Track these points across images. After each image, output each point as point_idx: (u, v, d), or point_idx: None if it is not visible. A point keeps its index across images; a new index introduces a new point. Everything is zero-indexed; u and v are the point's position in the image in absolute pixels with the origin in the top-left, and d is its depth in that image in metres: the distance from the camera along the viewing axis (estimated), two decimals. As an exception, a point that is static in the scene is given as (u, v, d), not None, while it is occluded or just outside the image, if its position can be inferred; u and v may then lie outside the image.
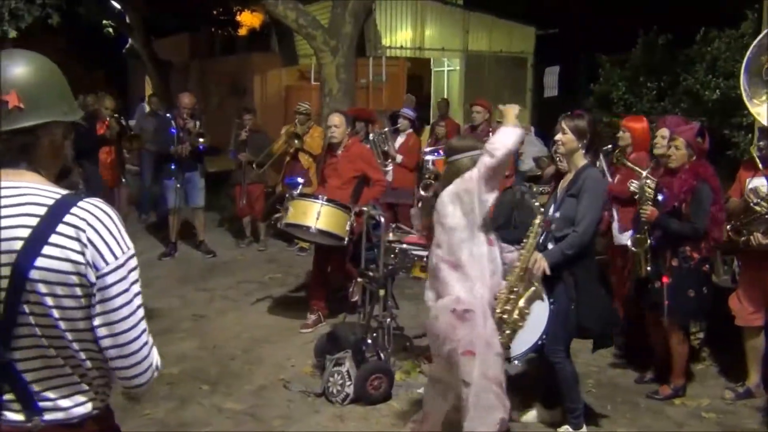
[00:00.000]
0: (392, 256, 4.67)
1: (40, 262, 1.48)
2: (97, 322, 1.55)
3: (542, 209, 4.12)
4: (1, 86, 1.52)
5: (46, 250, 1.49)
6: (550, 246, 3.72)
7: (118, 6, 15.47)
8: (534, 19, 13.93)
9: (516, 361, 4.56)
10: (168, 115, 7.87)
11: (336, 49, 8.74)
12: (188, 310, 6.05)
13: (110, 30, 16.28)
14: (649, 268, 4.28)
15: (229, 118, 9.03)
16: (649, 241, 4.26)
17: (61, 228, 1.50)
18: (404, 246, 4.68)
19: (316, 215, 5.01)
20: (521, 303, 3.46)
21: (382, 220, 4.72)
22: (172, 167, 7.57)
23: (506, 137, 3.28)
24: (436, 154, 6.99)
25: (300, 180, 5.55)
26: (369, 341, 4.53)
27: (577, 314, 3.66)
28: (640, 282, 4.40)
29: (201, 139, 7.50)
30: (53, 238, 1.49)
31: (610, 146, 5.11)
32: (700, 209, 4.11)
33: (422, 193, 6.80)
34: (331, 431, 4.00)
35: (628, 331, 4.87)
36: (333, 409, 4.21)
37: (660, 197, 4.26)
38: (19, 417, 1.56)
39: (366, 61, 11.31)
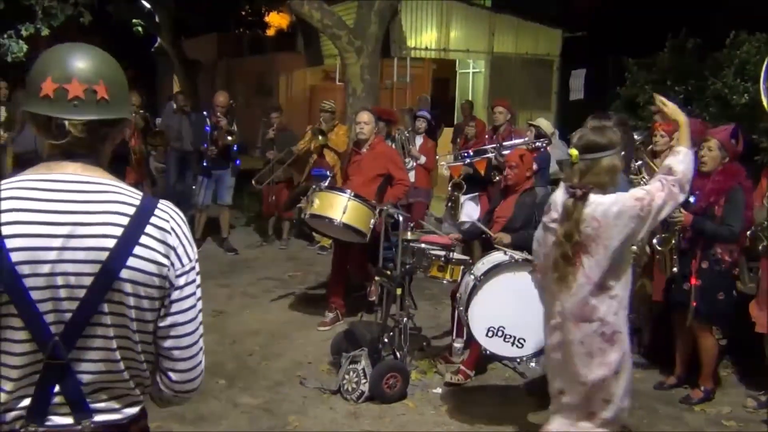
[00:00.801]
0: (410, 255, 4.66)
1: (131, 262, 1.47)
2: (166, 322, 1.55)
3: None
4: (90, 75, 1.50)
5: (137, 250, 1.48)
6: None
7: (147, 5, 15.70)
8: (561, 22, 13.83)
9: (533, 364, 4.55)
10: (204, 113, 8.00)
11: (361, 49, 8.77)
12: (208, 306, 6.04)
13: (140, 29, 16.51)
14: (675, 269, 4.25)
15: (255, 117, 9.11)
16: (673, 241, 4.23)
17: (149, 229, 1.50)
18: (422, 245, 4.67)
19: (343, 209, 4.98)
20: None
21: (401, 218, 4.72)
22: (204, 164, 7.71)
23: (690, 164, 2.86)
24: (465, 155, 6.99)
25: (328, 173, 5.56)
26: (385, 340, 4.53)
27: None
28: (666, 282, 4.38)
29: (229, 138, 7.60)
30: (143, 239, 1.49)
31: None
32: (736, 212, 4.05)
33: (451, 190, 6.84)
34: (346, 429, 4.01)
35: (652, 333, 4.84)
36: (348, 406, 4.23)
37: (691, 199, 4.21)
38: (67, 420, 1.51)
39: (391, 62, 11.33)
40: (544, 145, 6.64)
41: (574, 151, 2.83)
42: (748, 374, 4.70)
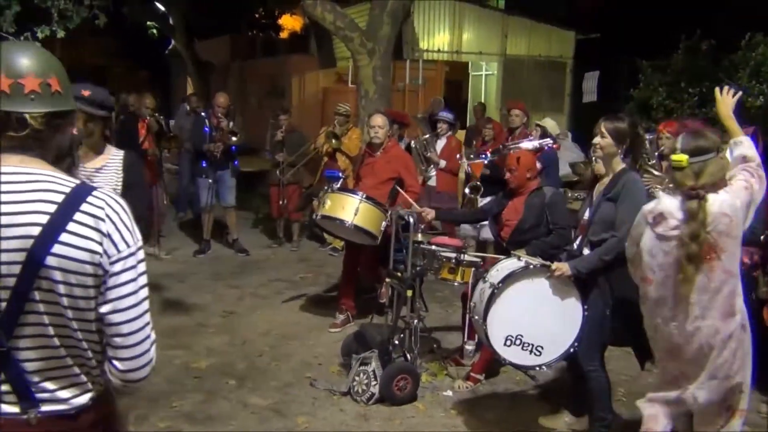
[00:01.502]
0: (421, 257, 4.65)
1: (57, 249, 1.48)
2: (104, 309, 1.56)
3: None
4: (44, 69, 1.55)
5: (64, 237, 1.49)
6: (586, 251, 3.63)
7: (162, 8, 15.81)
8: (574, 24, 13.77)
9: (545, 368, 4.51)
10: (203, 114, 8.02)
11: (373, 51, 8.77)
12: (219, 306, 6.13)
13: (154, 31, 16.65)
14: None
15: (267, 119, 9.13)
16: None
17: (78, 216, 1.51)
18: (432, 247, 4.65)
19: (354, 211, 4.97)
20: None
21: (411, 220, 4.71)
22: (204, 165, 7.74)
23: (754, 148, 3.04)
24: (482, 156, 6.92)
25: (341, 174, 5.55)
26: (396, 342, 4.52)
27: (612, 323, 3.56)
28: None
29: (234, 138, 7.62)
30: (71, 226, 1.50)
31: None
32: (758, 214, 4.02)
33: (468, 192, 6.76)
34: (355, 430, 4.00)
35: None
36: (357, 408, 4.22)
37: None
38: (13, 409, 1.54)
39: (403, 64, 11.32)
40: (549, 145, 6.59)
41: (683, 156, 2.85)
42: (762, 379, 4.64)
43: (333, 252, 7.98)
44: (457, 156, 7.59)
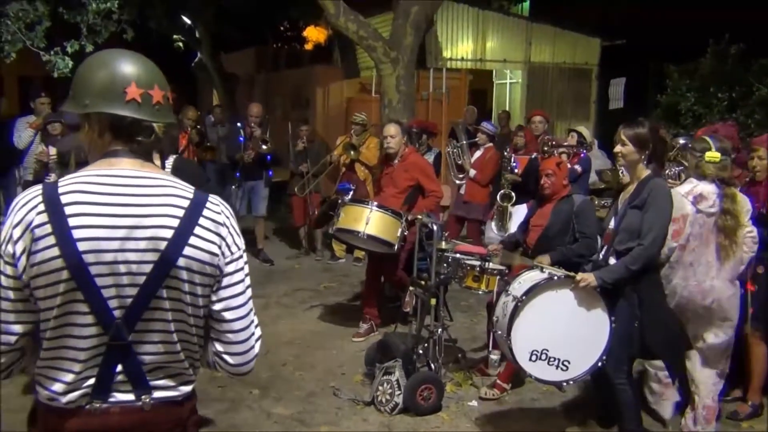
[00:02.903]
0: (445, 265, 4.60)
1: (187, 251, 1.59)
2: (217, 307, 1.67)
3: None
4: (163, 82, 1.69)
5: (192, 240, 1.60)
6: (612, 261, 3.56)
7: (188, 21, 16.01)
8: (599, 30, 13.63)
9: (572, 382, 4.42)
10: (238, 124, 8.09)
11: (396, 60, 8.77)
12: (244, 316, 6.12)
13: (180, 45, 16.83)
14: None
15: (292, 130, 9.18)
16: None
17: (202, 221, 1.63)
18: (457, 255, 4.60)
19: (366, 220, 4.99)
20: None
21: (435, 228, 4.67)
22: (237, 175, 7.79)
23: None
24: (515, 166, 6.87)
25: (351, 186, 5.57)
26: (420, 351, 4.47)
27: (641, 335, 3.46)
28: None
29: (264, 146, 7.67)
30: (198, 230, 1.62)
31: None
32: None
33: (499, 200, 6.69)
34: (379, 440, 3.97)
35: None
36: (381, 418, 4.18)
37: None
38: (128, 397, 1.63)
39: (427, 73, 11.29)
40: (585, 151, 6.57)
41: (718, 154, 3.72)
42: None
43: (356, 262, 7.97)
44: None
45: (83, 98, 1.61)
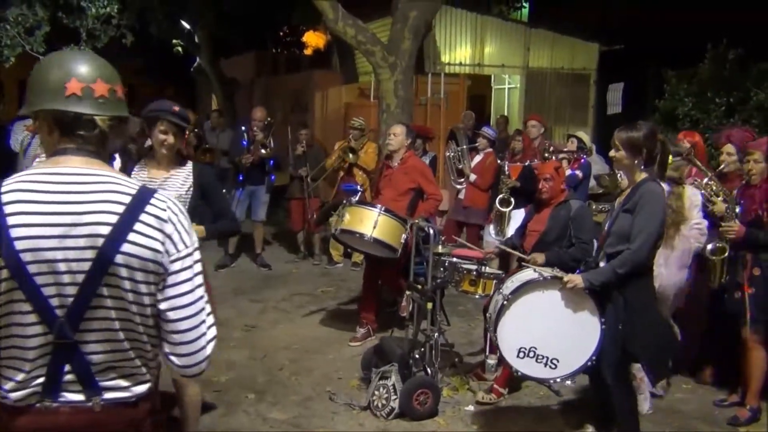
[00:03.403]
0: (441, 269, 4.60)
1: (126, 248, 1.57)
2: (163, 306, 1.65)
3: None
4: (111, 76, 1.68)
5: (132, 237, 1.58)
6: (603, 264, 3.56)
7: (187, 26, 16.03)
8: (597, 35, 13.65)
9: (568, 381, 4.42)
10: (243, 128, 8.09)
11: (394, 65, 8.77)
12: (241, 320, 6.13)
13: (180, 49, 16.86)
14: (724, 279, 4.19)
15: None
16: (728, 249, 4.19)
17: (144, 217, 1.61)
18: (453, 259, 4.60)
19: (373, 224, 4.93)
20: None
21: (432, 232, 4.66)
22: (240, 179, 7.78)
23: None
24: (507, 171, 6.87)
25: (359, 187, 5.54)
26: (416, 356, 4.46)
27: (623, 338, 3.45)
28: (714, 292, 4.31)
29: (264, 151, 7.67)
30: (138, 226, 1.59)
31: None
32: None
33: (497, 205, 6.67)
34: (375, 445, 3.96)
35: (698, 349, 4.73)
36: (377, 422, 4.17)
37: (738, 209, 4.21)
38: (78, 397, 1.62)
39: (425, 78, 11.30)
40: (585, 156, 6.58)
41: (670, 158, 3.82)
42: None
43: (354, 267, 7.96)
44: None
45: (30, 98, 1.64)
